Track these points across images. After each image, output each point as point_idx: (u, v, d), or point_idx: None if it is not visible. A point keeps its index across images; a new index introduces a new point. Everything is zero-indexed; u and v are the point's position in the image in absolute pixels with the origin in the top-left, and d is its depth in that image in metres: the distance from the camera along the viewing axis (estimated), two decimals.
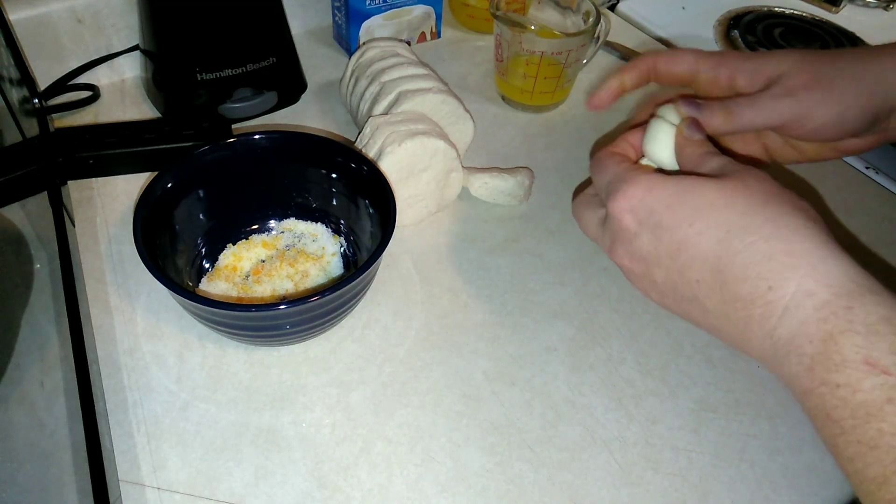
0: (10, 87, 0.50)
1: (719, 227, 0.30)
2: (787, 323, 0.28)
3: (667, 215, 0.31)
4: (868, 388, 0.25)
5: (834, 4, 0.86)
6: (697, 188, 0.31)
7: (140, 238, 0.39)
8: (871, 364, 0.25)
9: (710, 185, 0.31)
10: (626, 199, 0.33)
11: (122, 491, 0.37)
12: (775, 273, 0.28)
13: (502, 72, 0.64)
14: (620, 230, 0.34)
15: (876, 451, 0.25)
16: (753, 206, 0.30)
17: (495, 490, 0.39)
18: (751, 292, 0.29)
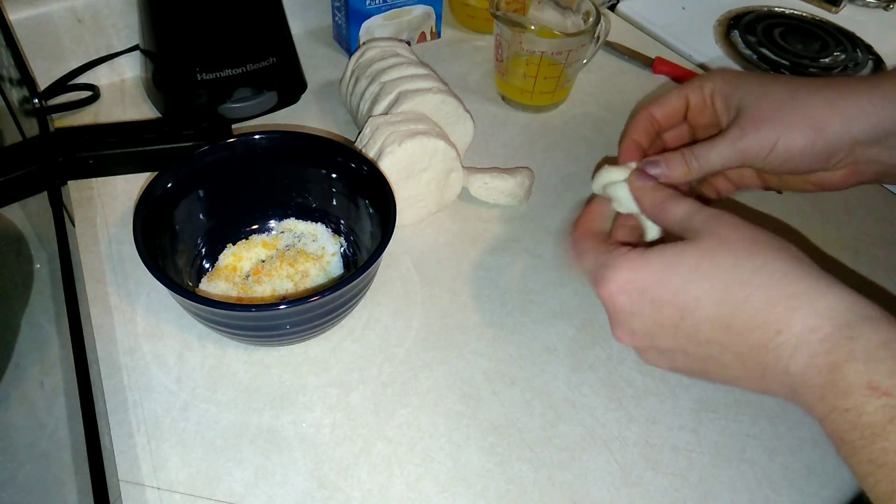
0: (10, 87, 0.50)
1: (716, 288, 0.31)
2: (798, 359, 0.29)
3: (660, 290, 0.33)
4: (872, 410, 0.27)
5: (834, 4, 0.86)
6: (680, 257, 0.33)
7: (140, 238, 0.39)
8: (873, 388, 0.27)
9: (690, 251, 0.33)
10: (614, 283, 0.34)
11: (122, 491, 0.37)
12: (781, 317, 0.30)
13: (502, 72, 0.64)
14: (616, 312, 0.35)
15: (884, 469, 0.26)
16: (739, 260, 0.31)
17: (495, 490, 0.39)
18: (761, 339, 0.30)
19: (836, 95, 0.38)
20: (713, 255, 0.32)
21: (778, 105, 0.39)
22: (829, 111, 0.38)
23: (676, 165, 0.39)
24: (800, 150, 0.38)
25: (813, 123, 0.38)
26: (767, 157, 0.39)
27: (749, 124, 0.39)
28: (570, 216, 0.55)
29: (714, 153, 0.39)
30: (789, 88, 0.39)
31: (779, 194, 0.58)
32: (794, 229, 0.54)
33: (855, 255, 0.54)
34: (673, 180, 0.39)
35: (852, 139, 0.38)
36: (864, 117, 0.38)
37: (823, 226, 0.56)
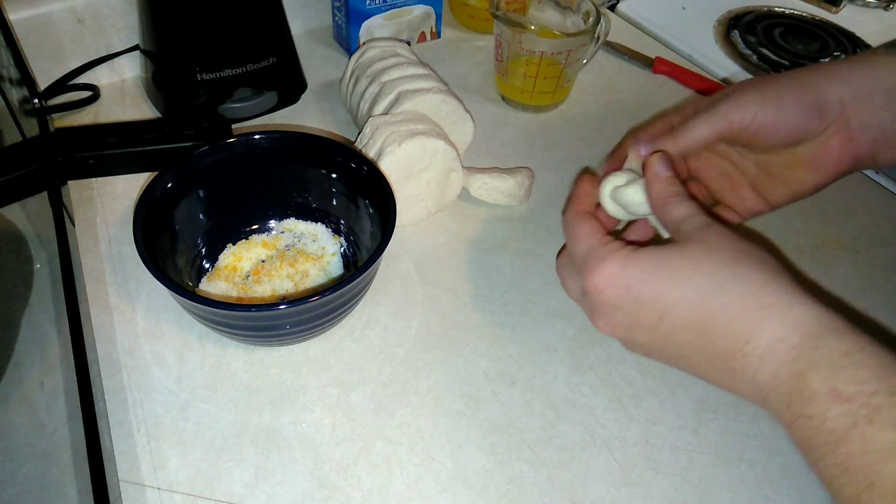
0: (10, 87, 0.50)
1: (695, 293, 0.32)
2: (766, 368, 0.30)
3: (644, 289, 0.34)
4: (834, 416, 0.28)
5: (834, 4, 0.86)
6: (666, 259, 0.34)
7: (140, 238, 0.39)
8: (836, 395, 0.28)
9: (676, 253, 0.34)
10: (602, 276, 0.35)
11: (122, 491, 0.37)
12: (751, 326, 0.31)
13: (502, 72, 0.64)
14: (600, 304, 0.36)
15: (847, 473, 0.27)
16: (721, 268, 0.32)
17: (495, 490, 0.39)
18: (732, 346, 0.31)
19: (814, 68, 0.40)
20: (697, 260, 0.33)
21: (759, 80, 0.40)
22: (812, 74, 0.39)
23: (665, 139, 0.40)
24: (789, 104, 0.39)
25: (798, 84, 0.39)
26: (753, 123, 0.39)
27: (732, 93, 0.40)
28: None
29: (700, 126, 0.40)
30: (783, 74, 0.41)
31: None
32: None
33: (855, 255, 0.54)
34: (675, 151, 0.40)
35: (838, 97, 0.39)
36: (843, 80, 0.39)
37: (823, 226, 0.56)
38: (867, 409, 0.27)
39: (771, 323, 0.30)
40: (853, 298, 0.50)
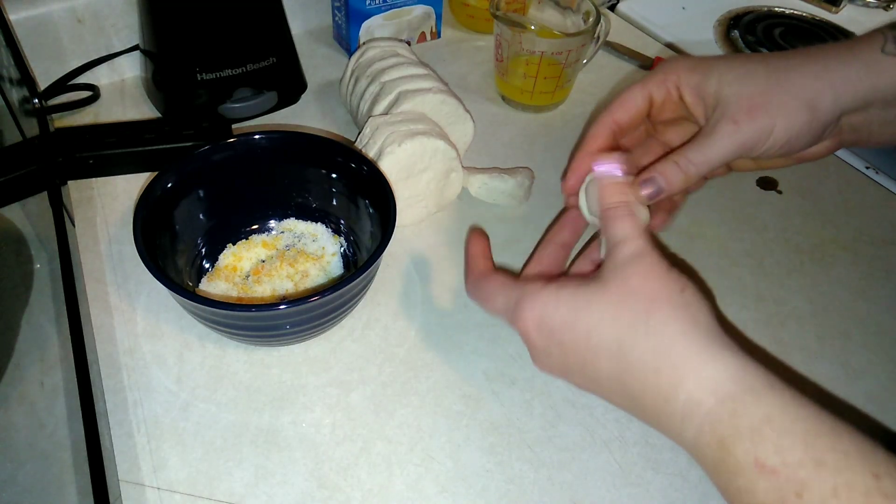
0: (10, 87, 0.50)
1: (612, 343, 0.31)
2: (688, 430, 0.30)
3: (566, 334, 0.33)
4: (763, 489, 0.27)
5: (834, 4, 0.86)
6: (588, 303, 0.33)
7: (140, 238, 0.39)
8: (760, 465, 0.27)
9: (597, 297, 0.32)
10: (528, 319, 0.34)
11: (122, 491, 0.37)
12: (666, 386, 0.30)
13: (502, 72, 0.64)
14: (531, 347, 0.35)
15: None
16: (637, 318, 0.31)
17: (495, 490, 0.39)
18: (653, 402, 0.31)
19: (821, 68, 0.37)
20: (615, 305, 0.32)
21: (765, 88, 0.37)
22: (819, 86, 0.37)
23: (673, 176, 0.37)
24: (797, 132, 0.37)
25: (806, 102, 0.37)
26: (765, 146, 0.37)
27: (742, 114, 0.37)
28: None
29: (712, 153, 0.37)
30: (770, 67, 0.38)
31: (779, 195, 0.59)
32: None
33: (855, 255, 0.54)
34: (673, 192, 0.38)
35: (841, 111, 0.38)
36: (851, 88, 0.37)
37: (823, 226, 0.56)
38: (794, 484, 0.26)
39: (685, 384, 0.29)
40: (853, 298, 0.50)
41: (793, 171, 0.60)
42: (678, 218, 0.55)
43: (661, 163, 0.38)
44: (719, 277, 0.51)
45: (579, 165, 0.41)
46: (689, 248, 0.53)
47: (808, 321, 0.49)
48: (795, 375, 0.45)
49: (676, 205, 0.45)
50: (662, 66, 0.41)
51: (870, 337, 0.48)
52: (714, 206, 0.57)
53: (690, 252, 0.53)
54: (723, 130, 0.37)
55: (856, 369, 0.46)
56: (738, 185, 0.59)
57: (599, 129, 0.41)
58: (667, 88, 0.41)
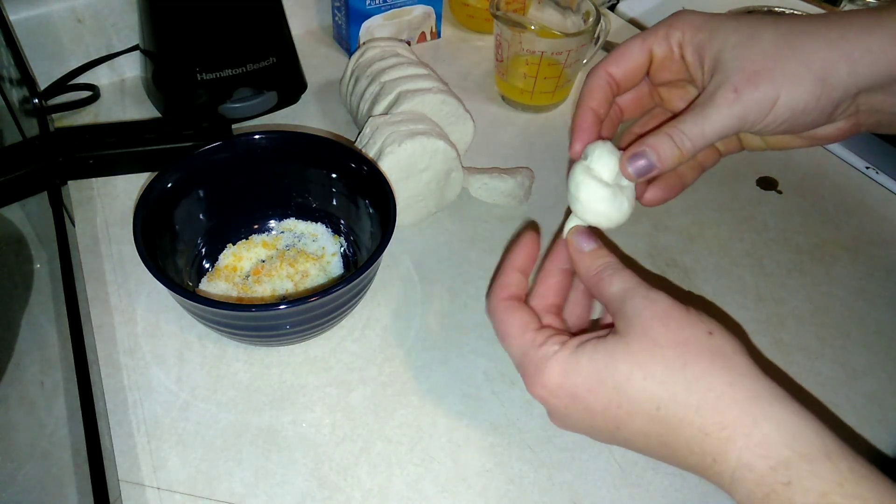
0: (10, 87, 0.50)
1: (649, 404, 0.29)
2: (738, 490, 0.28)
3: (592, 400, 0.31)
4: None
5: (834, 5, 0.86)
6: (611, 364, 0.30)
7: (140, 238, 0.39)
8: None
9: (621, 356, 0.30)
10: (544, 387, 0.32)
11: (122, 491, 0.37)
12: (715, 447, 0.28)
13: (502, 72, 0.64)
14: (550, 409, 0.33)
15: None
16: (672, 372, 0.29)
17: (495, 490, 0.39)
18: (699, 463, 0.29)
19: (838, 36, 0.32)
20: (644, 363, 0.29)
21: (771, 53, 0.33)
22: (833, 56, 0.32)
23: (666, 151, 0.34)
24: (803, 107, 0.33)
25: (816, 72, 0.32)
26: (766, 119, 0.33)
27: (743, 81, 0.33)
28: None
29: (708, 126, 0.33)
30: (780, 31, 0.33)
31: (779, 195, 0.59)
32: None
33: (855, 255, 0.54)
34: (667, 169, 0.34)
35: (858, 88, 0.33)
36: (871, 61, 0.32)
37: (823, 226, 0.56)
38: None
39: (735, 445, 0.27)
40: (853, 298, 0.50)
41: (793, 172, 0.60)
42: (678, 218, 0.55)
43: (653, 135, 0.34)
44: (719, 277, 0.51)
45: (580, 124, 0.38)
46: (689, 248, 0.53)
47: (808, 321, 0.49)
48: (795, 376, 0.45)
49: (684, 179, 0.41)
50: (668, 19, 0.37)
51: (870, 337, 0.48)
52: (714, 206, 0.57)
53: (690, 252, 0.53)
54: (721, 99, 0.33)
55: (856, 369, 0.46)
56: (738, 185, 0.59)
57: (595, 82, 0.38)
58: (669, 45, 0.37)
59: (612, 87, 0.38)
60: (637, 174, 0.34)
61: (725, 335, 0.30)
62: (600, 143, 0.37)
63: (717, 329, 0.30)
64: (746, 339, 0.47)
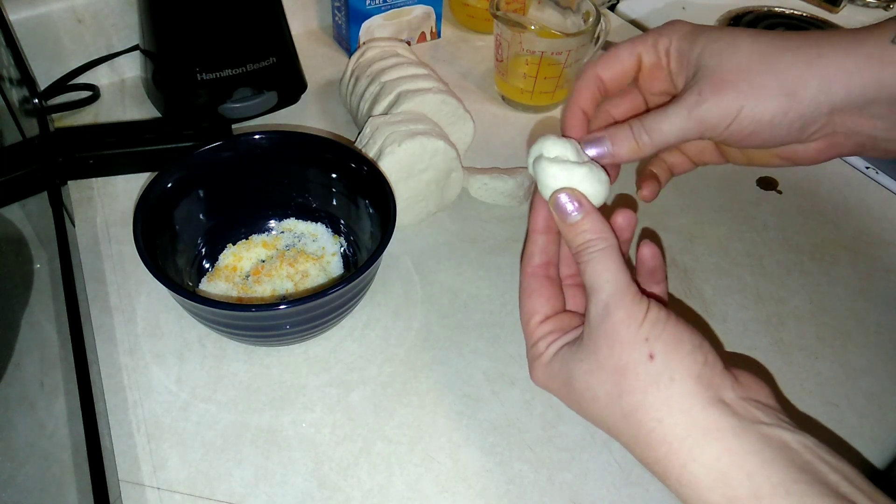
0: (10, 87, 0.50)
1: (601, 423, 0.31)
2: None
3: (567, 402, 0.33)
4: None
5: (834, 4, 0.86)
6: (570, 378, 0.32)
7: (140, 238, 0.39)
8: None
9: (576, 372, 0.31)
10: (535, 378, 0.35)
11: (122, 491, 0.37)
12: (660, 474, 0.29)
13: (502, 72, 0.64)
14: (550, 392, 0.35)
15: None
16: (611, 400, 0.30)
17: (495, 490, 0.39)
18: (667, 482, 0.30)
19: (815, 54, 0.32)
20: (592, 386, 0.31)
21: (744, 65, 0.33)
22: (805, 72, 0.32)
23: (623, 141, 0.34)
24: (769, 119, 0.33)
25: (785, 87, 0.32)
26: (729, 128, 0.33)
27: (708, 88, 0.33)
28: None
29: (667, 124, 0.34)
30: (759, 44, 0.34)
31: (779, 195, 0.59)
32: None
33: (855, 255, 0.54)
34: (621, 159, 0.35)
35: (830, 106, 0.33)
36: (845, 80, 0.32)
37: (823, 226, 0.56)
38: None
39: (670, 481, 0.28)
40: (853, 298, 0.50)
41: (793, 172, 0.60)
42: (678, 218, 0.55)
43: (615, 126, 0.35)
44: (719, 277, 0.51)
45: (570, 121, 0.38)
46: (689, 248, 0.53)
47: (808, 321, 0.49)
48: (795, 376, 0.45)
49: (658, 179, 0.42)
50: (659, 27, 0.38)
51: (870, 337, 0.48)
52: (714, 206, 0.57)
53: (690, 252, 0.53)
54: (683, 102, 0.34)
55: (856, 369, 0.46)
56: (738, 185, 0.59)
57: (584, 83, 0.38)
58: (657, 52, 0.37)
59: (600, 89, 0.39)
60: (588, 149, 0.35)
61: (668, 358, 0.29)
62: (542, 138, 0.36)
63: (661, 351, 0.29)
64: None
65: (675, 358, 0.29)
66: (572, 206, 0.33)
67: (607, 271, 0.31)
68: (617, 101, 0.40)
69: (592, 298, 0.31)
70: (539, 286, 0.36)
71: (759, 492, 0.26)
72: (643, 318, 0.30)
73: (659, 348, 0.29)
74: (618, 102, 0.40)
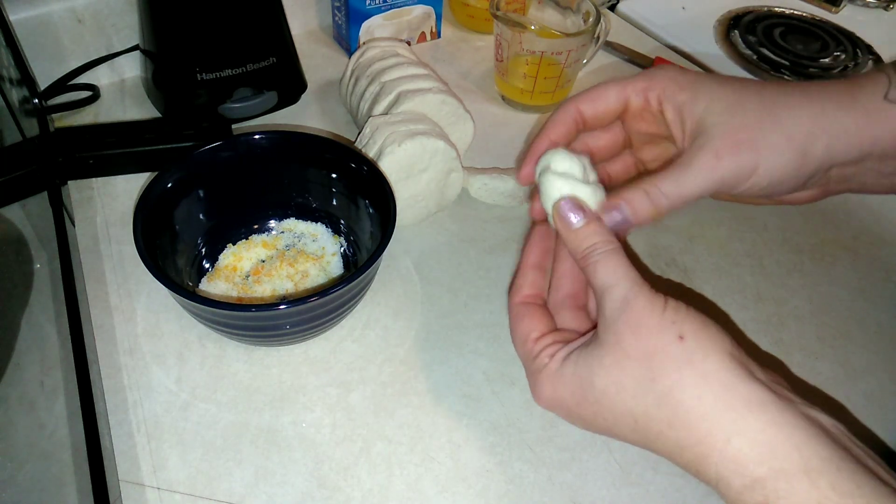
0: (10, 87, 0.50)
1: (627, 418, 0.30)
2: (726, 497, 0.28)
3: (580, 410, 0.32)
4: None
5: (834, 4, 0.86)
6: (590, 377, 0.31)
7: (140, 238, 0.39)
8: None
9: (596, 369, 0.30)
10: (541, 398, 0.33)
11: (122, 491, 0.37)
12: (694, 460, 0.28)
13: (502, 72, 0.64)
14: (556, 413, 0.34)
15: None
16: (642, 386, 0.29)
17: (495, 490, 0.39)
18: (688, 470, 0.29)
19: (819, 111, 0.34)
20: (618, 378, 0.30)
21: (754, 123, 0.34)
22: (813, 129, 0.34)
23: (641, 206, 0.34)
24: (781, 175, 0.34)
25: (796, 146, 0.34)
26: (746, 185, 0.34)
27: (726, 148, 0.33)
28: None
29: (687, 187, 0.34)
30: (763, 100, 0.35)
31: None
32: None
33: (855, 255, 0.54)
34: (641, 222, 0.34)
35: (832, 162, 0.35)
36: (847, 139, 0.34)
37: (823, 226, 0.56)
38: None
39: (710, 461, 0.27)
40: (853, 298, 0.50)
41: None
42: (678, 218, 0.55)
43: (631, 190, 0.34)
44: (719, 277, 0.51)
45: (536, 152, 0.37)
46: (689, 248, 0.53)
47: (808, 321, 0.49)
48: (796, 375, 0.45)
49: None
50: (649, 72, 0.38)
51: (870, 337, 0.48)
52: (714, 206, 0.57)
53: (690, 252, 0.53)
54: (702, 163, 0.34)
55: (856, 369, 0.46)
56: None
57: (562, 115, 0.38)
58: (646, 98, 0.37)
59: (577, 124, 0.38)
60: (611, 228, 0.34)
61: (699, 339, 0.29)
62: (553, 151, 0.36)
63: (690, 331, 0.29)
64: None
65: (704, 336, 0.29)
66: (576, 213, 0.33)
67: (620, 267, 0.31)
68: (597, 135, 0.40)
69: (607, 295, 0.31)
70: (530, 312, 0.36)
71: (808, 464, 0.25)
72: (664, 305, 0.30)
73: (687, 329, 0.29)
74: (598, 135, 0.40)
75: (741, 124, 0.34)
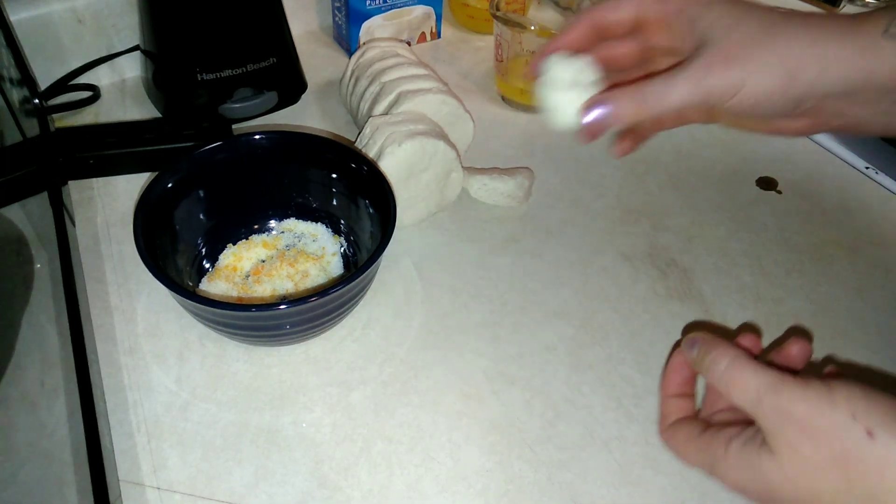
0: (10, 87, 0.50)
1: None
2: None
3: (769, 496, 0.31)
4: None
5: (833, 5, 0.86)
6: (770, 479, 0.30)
7: (140, 238, 0.39)
8: None
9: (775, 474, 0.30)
10: (729, 484, 0.32)
11: (122, 491, 0.37)
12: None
13: (502, 72, 0.64)
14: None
15: None
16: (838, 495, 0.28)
17: (495, 490, 0.39)
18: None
19: (816, 37, 0.34)
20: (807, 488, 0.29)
21: (750, 41, 0.34)
22: (807, 53, 0.34)
23: (625, 104, 0.35)
24: (767, 95, 0.34)
25: (787, 67, 0.34)
26: (731, 100, 0.34)
27: (717, 60, 0.34)
28: (570, 217, 0.55)
29: (673, 92, 0.34)
30: (765, 21, 0.35)
31: (778, 195, 0.59)
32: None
33: (855, 255, 0.54)
34: (622, 121, 0.35)
35: (824, 91, 0.34)
36: (841, 68, 0.34)
37: (823, 226, 0.56)
38: None
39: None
40: (853, 298, 0.50)
41: (792, 172, 0.60)
42: (677, 218, 0.55)
43: (619, 90, 0.35)
44: (718, 277, 0.51)
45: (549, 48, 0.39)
46: (688, 248, 0.53)
47: (808, 321, 0.49)
48: None
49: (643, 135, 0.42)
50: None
51: (870, 337, 0.48)
52: (713, 206, 0.57)
53: (690, 252, 0.53)
54: (691, 73, 0.34)
55: (856, 369, 0.46)
56: (738, 185, 0.59)
57: (581, 20, 0.39)
58: (665, 11, 0.37)
59: (595, 30, 0.39)
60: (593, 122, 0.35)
61: (886, 427, 0.27)
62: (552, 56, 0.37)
63: (878, 423, 0.27)
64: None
65: (890, 422, 0.27)
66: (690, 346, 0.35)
67: (755, 378, 0.31)
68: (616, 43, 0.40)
69: (760, 415, 0.30)
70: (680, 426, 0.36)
71: None
72: (828, 396, 0.29)
73: (874, 422, 0.27)
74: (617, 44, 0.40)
75: (737, 41, 0.34)
